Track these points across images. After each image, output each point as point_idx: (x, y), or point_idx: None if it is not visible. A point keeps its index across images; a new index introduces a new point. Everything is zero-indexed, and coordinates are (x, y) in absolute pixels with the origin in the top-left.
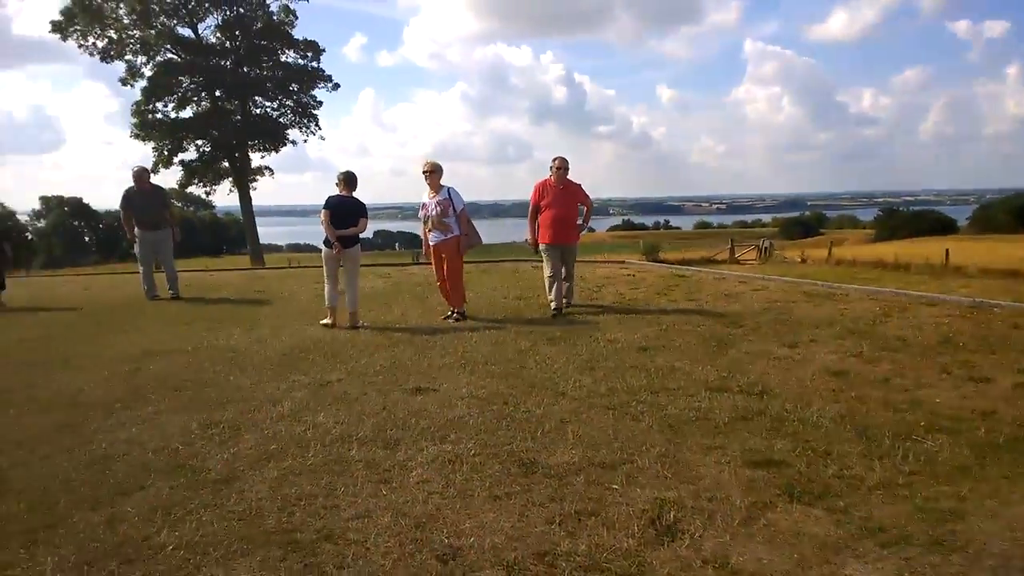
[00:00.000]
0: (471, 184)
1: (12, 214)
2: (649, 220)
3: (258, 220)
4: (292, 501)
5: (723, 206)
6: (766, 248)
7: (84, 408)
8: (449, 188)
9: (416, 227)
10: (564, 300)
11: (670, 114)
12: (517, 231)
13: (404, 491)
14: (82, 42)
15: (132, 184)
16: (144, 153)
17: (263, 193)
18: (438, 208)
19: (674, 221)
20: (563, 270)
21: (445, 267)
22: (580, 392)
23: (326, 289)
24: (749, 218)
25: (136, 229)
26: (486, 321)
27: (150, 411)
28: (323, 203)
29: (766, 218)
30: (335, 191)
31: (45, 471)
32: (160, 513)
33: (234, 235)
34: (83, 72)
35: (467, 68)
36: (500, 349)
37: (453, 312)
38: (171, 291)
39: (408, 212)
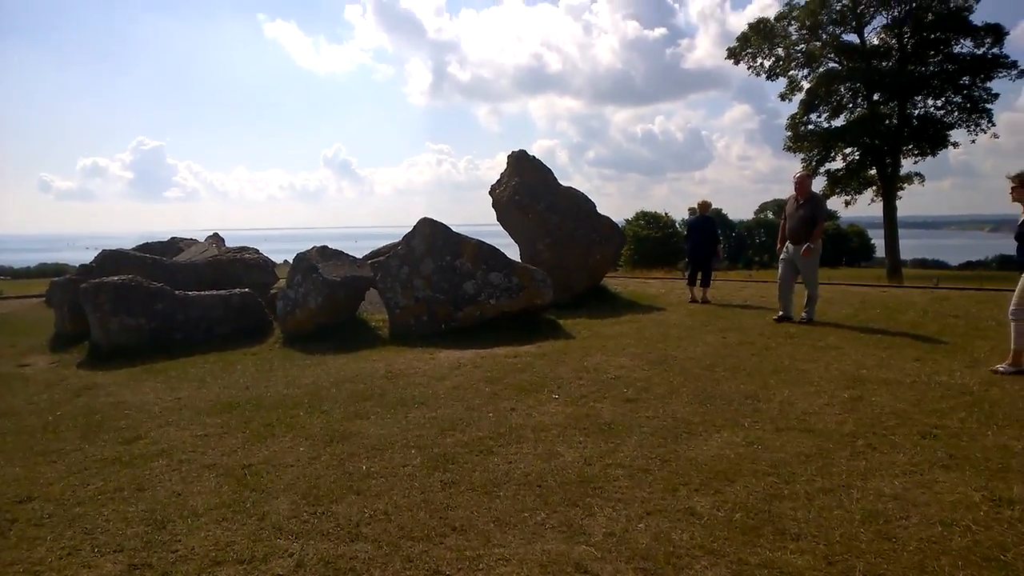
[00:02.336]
0: None
1: (673, 222)
2: None
3: (875, 232)
4: None
5: None
6: None
7: (819, 436)
8: None
9: None
10: None
11: None
12: None
13: None
14: (751, 63)
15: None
16: (775, 166)
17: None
18: None
19: None
20: None
21: None
22: None
23: None
24: None
25: (787, 243)
26: None
27: (903, 460)
28: None
29: None
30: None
31: (820, 516)
32: None
33: (856, 247)
34: (731, 96)
35: None
36: None
37: None
38: (805, 313)
39: None
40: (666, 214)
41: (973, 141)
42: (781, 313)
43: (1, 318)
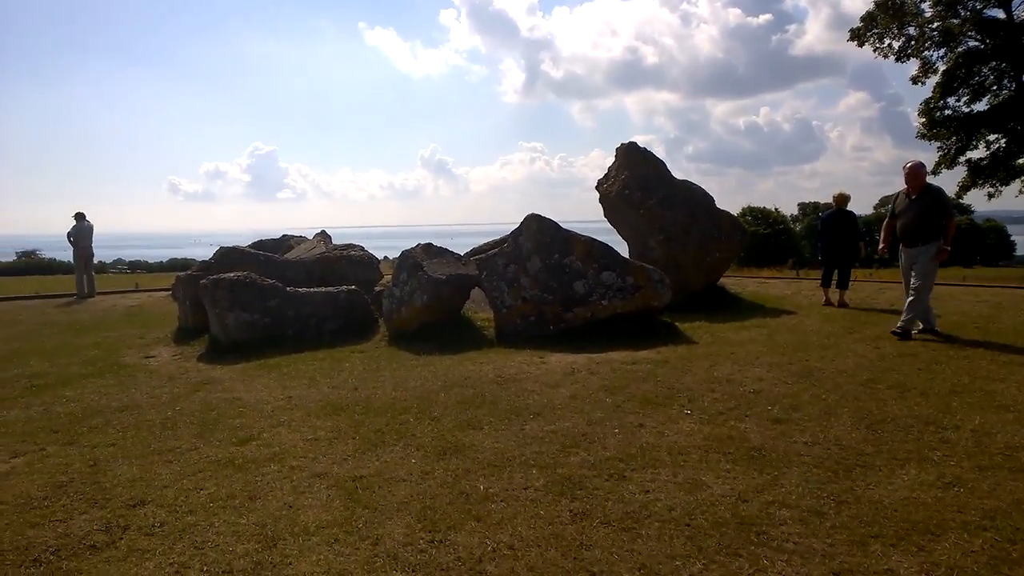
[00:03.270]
0: None
1: (783, 218)
2: None
3: (1014, 228)
4: None
5: None
6: None
7: None
8: None
9: None
10: None
11: None
12: None
13: None
14: (878, 45)
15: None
16: (895, 156)
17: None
18: None
19: None
20: None
21: None
22: None
23: None
24: None
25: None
26: None
27: None
28: None
29: None
30: None
31: None
32: None
33: (993, 243)
34: (846, 83)
35: None
36: None
37: None
38: (923, 325)
39: None
40: (776, 209)
41: None
42: (922, 326)
43: (132, 310)
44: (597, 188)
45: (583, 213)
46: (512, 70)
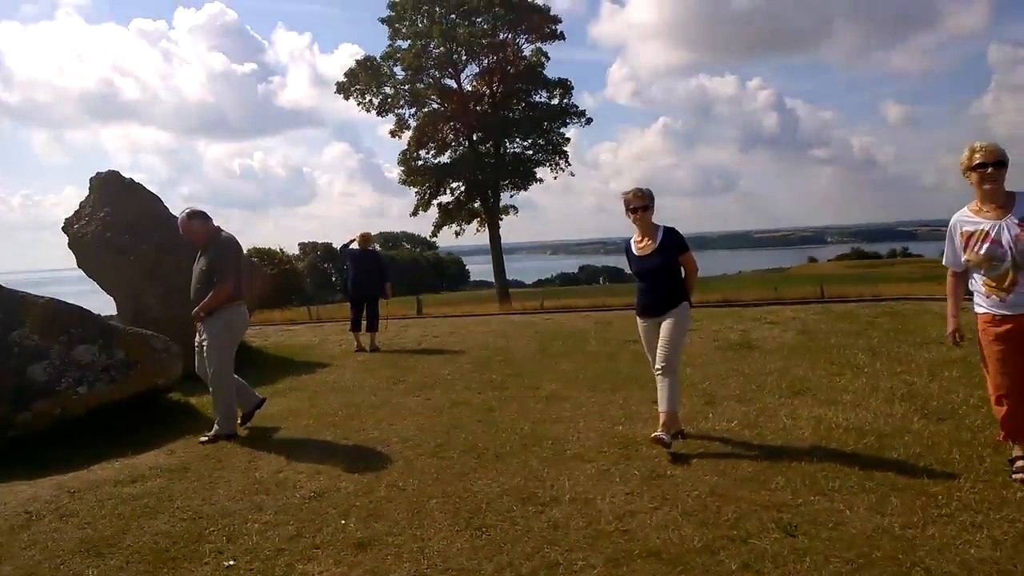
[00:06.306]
0: (675, 218)
1: (289, 258)
2: (882, 248)
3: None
4: None
5: None
6: None
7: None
8: None
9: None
10: None
11: (899, 133)
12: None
13: None
14: (361, 100)
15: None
16: (378, 201)
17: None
18: None
19: (912, 248)
20: None
21: None
22: None
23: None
24: None
25: None
26: None
27: None
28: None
29: None
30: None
31: None
32: None
33: (452, 273)
34: (329, 135)
35: (669, 103)
36: None
37: None
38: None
39: (611, 246)
40: (281, 249)
41: (556, 177)
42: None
43: None
44: (65, 230)
45: (60, 262)
46: None
